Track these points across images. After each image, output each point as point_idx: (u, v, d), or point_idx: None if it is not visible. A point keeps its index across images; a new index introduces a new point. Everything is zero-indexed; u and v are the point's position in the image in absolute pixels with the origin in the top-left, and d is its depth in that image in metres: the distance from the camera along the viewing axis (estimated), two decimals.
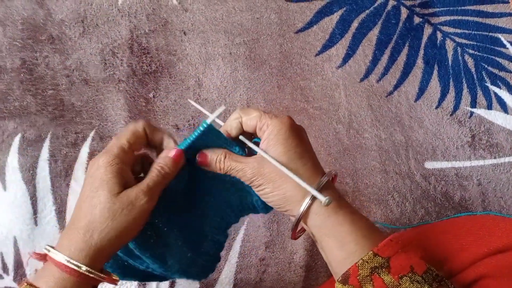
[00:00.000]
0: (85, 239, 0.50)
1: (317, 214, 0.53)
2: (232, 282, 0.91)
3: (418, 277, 0.50)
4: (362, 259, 0.50)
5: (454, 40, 1.09)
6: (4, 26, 0.96)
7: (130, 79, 0.98)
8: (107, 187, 0.51)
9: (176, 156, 0.55)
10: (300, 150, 0.55)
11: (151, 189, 0.53)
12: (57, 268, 0.50)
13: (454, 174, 1.01)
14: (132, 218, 0.51)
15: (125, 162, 0.53)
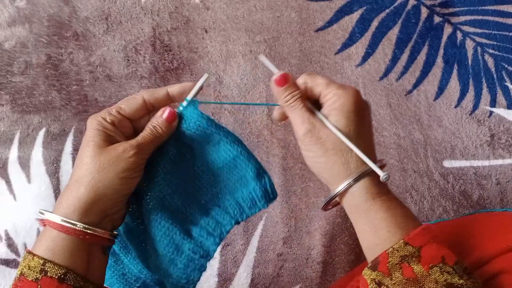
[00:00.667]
0: (73, 194, 0.51)
1: (355, 196, 0.53)
2: (250, 276, 0.92)
3: (449, 268, 0.49)
4: (392, 247, 0.50)
5: (474, 40, 1.09)
6: (30, 23, 0.99)
7: (152, 75, 0.99)
8: (93, 143, 0.51)
9: (169, 116, 0.54)
10: (360, 129, 0.54)
11: (140, 144, 0.53)
12: (54, 229, 0.50)
13: (473, 173, 1.01)
14: (119, 169, 0.51)
15: (114, 124, 0.53)
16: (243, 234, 0.94)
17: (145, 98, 0.55)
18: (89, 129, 0.53)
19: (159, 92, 0.56)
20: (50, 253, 0.49)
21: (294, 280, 0.93)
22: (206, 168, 0.59)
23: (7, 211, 0.92)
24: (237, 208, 0.59)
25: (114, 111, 0.54)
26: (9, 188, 0.92)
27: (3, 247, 0.90)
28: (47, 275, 0.48)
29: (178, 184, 0.58)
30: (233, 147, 0.57)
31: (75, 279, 0.49)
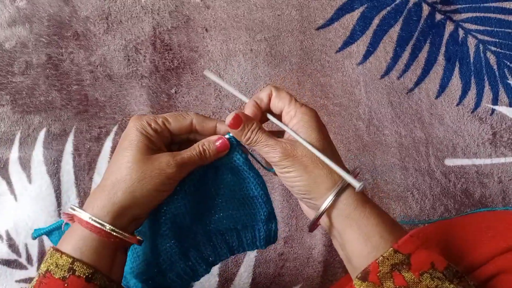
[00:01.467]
0: (109, 197, 0.52)
1: (345, 205, 0.52)
2: (251, 276, 0.92)
3: (439, 273, 0.49)
4: (382, 255, 0.49)
5: (476, 37, 1.08)
6: (30, 23, 0.99)
7: (152, 75, 0.99)
8: (136, 148, 0.53)
9: (222, 146, 0.56)
10: (329, 141, 0.55)
11: (185, 162, 0.54)
12: (82, 227, 0.51)
13: (475, 172, 1.01)
14: (159, 182, 0.52)
15: (157, 132, 0.55)
16: None
17: (194, 122, 0.57)
18: (132, 130, 0.54)
19: (209, 123, 0.57)
20: (79, 252, 0.50)
21: (295, 280, 0.93)
22: (223, 193, 0.60)
23: (8, 211, 0.92)
24: (237, 241, 0.61)
25: (160, 121, 0.55)
26: (10, 188, 0.92)
27: (4, 247, 0.90)
28: (75, 274, 0.49)
29: (193, 205, 0.59)
30: (257, 189, 0.59)
31: (101, 279, 0.50)
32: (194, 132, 0.58)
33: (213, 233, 0.61)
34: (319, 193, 0.53)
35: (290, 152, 0.53)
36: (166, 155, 0.53)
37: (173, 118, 0.56)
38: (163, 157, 0.53)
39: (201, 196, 0.60)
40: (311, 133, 0.54)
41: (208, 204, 0.61)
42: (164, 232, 0.58)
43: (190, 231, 0.60)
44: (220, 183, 0.60)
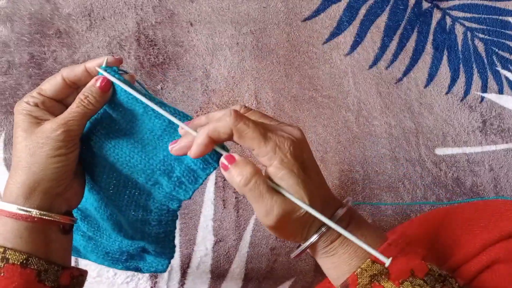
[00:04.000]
0: (13, 181, 0.52)
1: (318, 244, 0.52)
2: (243, 272, 0.92)
3: (420, 280, 0.48)
4: (360, 267, 0.49)
5: (463, 25, 1.07)
6: (11, 22, 0.97)
7: (137, 71, 0.98)
8: (20, 128, 0.52)
9: (103, 85, 0.54)
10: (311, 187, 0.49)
11: (68, 120, 0.52)
12: (4, 217, 0.51)
13: (465, 160, 1.01)
14: (49, 149, 0.51)
15: (37, 105, 0.53)
16: (235, 230, 0.93)
17: (64, 76, 0.55)
18: (15, 116, 0.53)
19: (77, 69, 0.55)
20: (8, 240, 0.50)
21: (288, 274, 0.93)
22: (141, 138, 0.57)
23: None
24: (191, 174, 0.56)
25: (35, 93, 0.54)
26: None
27: None
28: (9, 262, 0.49)
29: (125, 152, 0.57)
30: (160, 118, 0.54)
31: (38, 262, 0.50)
32: (73, 87, 0.56)
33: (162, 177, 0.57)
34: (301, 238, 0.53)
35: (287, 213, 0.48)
36: (49, 122, 0.52)
37: (45, 84, 0.55)
38: (46, 124, 0.52)
39: (129, 143, 0.57)
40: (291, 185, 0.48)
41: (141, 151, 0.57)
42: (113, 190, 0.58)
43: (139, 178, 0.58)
44: (126, 127, 0.57)
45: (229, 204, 0.94)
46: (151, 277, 0.89)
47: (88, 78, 0.55)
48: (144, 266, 0.66)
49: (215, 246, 0.92)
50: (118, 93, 0.54)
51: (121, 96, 0.54)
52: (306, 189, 0.48)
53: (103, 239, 0.62)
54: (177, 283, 0.90)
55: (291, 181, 0.47)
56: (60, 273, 0.53)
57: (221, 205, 0.94)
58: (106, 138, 0.56)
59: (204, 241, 0.92)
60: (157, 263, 0.64)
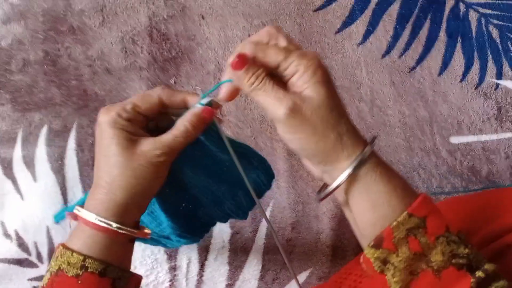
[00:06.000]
0: (109, 198, 0.51)
1: (357, 177, 0.48)
2: (260, 263, 0.93)
3: (454, 237, 0.47)
4: (397, 220, 0.47)
5: (477, 11, 1.06)
6: (25, 19, 0.97)
7: (151, 66, 0.98)
8: (118, 145, 0.50)
9: (207, 114, 0.52)
10: (339, 98, 0.49)
11: (172, 147, 0.51)
12: (88, 227, 0.51)
13: (481, 148, 1.00)
14: (152, 172, 0.51)
15: (130, 120, 0.52)
16: (251, 222, 0.94)
17: (163, 99, 0.53)
18: (105, 127, 0.51)
19: (177, 97, 0.54)
20: (88, 249, 0.51)
21: (305, 265, 0.93)
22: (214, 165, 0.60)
23: (15, 210, 0.92)
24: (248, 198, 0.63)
25: (129, 108, 0.52)
26: (16, 187, 0.92)
27: (14, 246, 0.91)
28: (87, 270, 0.50)
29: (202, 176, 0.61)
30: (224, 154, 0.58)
31: (114, 271, 0.51)
32: (164, 106, 0.55)
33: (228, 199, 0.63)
34: (329, 159, 0.49)
35: (299, 109, 0.47)
36: (149, 143, 0.51)
37: (141, 100, 0.53)
38: (149, 147, 0.51)
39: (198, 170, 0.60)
40: (320, 90, 0.47)
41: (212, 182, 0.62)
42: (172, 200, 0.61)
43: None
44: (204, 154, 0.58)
45: None
46: (170, 270, 0.91)
47: (182, 106, 0.54)
48: (167, 244, 0.69)
49: (232, 238, 0.93)
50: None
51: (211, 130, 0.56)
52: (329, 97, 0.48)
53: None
54: (196, 275, 0.91)
55: (317, 87, 0.48)
56: (130, 280, 0.54)
57: None
58: (189, 160, 0.58)
59: (221, 234, 0.93)
60: (182, 242, 0.67)
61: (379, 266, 0.48)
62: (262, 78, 0.48)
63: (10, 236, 0.91)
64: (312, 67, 0.47)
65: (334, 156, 0.48)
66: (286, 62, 0.48)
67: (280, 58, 0.48)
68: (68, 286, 0.50)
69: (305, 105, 0.47)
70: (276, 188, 0.95)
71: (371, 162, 0.48)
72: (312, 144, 0.48)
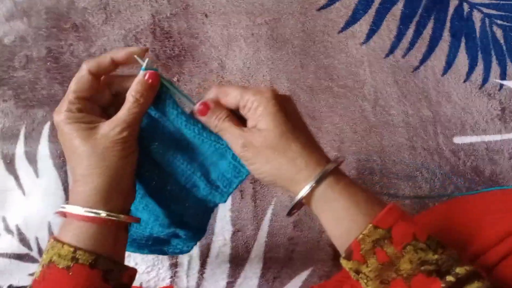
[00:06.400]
0: (88, 188, 0.52)
1: (316, 194, 0.52)
2: (262, 261, 0.92)
3: (422, 244, 0.48)
4: (362, 233, 0.48)
5: (481, 11, 1.06)
6: (29, 16, 0.98)
7: (153, 64, 0.98)
8: (77, 136, 0.52)
9: (151, 78, 0.55)
10: (292, 124, 0.53)
11: (127, 121, 0.53)
12: (78, 220, 0.52)
13: (484, 148, 1.00)
14: (118, 151, 0.52)
15: (81, 110, 0.53)
16: (252, 220, 0.93)
17: (91, 70, 0.54)
18: (62, 126, 0.52)
19: (103, 61, 0.54)
20: (78, 240, 0.51)
21: (306, 264, 0.93)
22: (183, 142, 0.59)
23: (17, 206, 0.92)
24: (225, 180, 0.60)
25: (72, 98, 0.53)
26: (18, 183, 0.93)
27: (15, 241, 0.91)
28: (78, 262, 0.50)
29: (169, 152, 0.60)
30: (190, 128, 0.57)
31: (105, 263, 0.52)
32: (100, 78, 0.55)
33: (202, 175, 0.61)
34: (285, 183, 0.53)
35: (249, 143, 0.52)
36: (108, 125, 0.52)
37: (75, 86, 0.53)
38: (107, 128, 0.52)
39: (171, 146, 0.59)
40: (268, 121, 0.52)
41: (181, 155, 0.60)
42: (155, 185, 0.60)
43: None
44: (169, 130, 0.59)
45: (247, 194, 0.94)
46: (171, 267, 0.90)
47: (115, 68, 0.56)
48: (169, 249, 0.67)
49: (234, 236, 0.93)
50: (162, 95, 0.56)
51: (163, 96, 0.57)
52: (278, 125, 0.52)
53: (132, 227, 0.63)
54: (197, 273, 0.91)
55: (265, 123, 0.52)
56: (122, 272, 0.54)
57: (238, 196, 0.94)
58: (153, 137, 0.58)
59: (223, 231, 0.93)
60: (183, 245, 0.66)
61: (354, 275, 0.50)
62: (222, 120, 0.54)
63: (11, 231, 0.91)
64: (264, 101, 0.52)
65: (290, 179, 0.52)
66: (243, 100, 0.53)
67: (238, 97, 0.54)
68: (59, 278, 0.50)
69: (255, 139, 0.52)
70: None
71: (329, 181, 0.51)
72: (267, 171, 0.53)
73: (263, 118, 0.52)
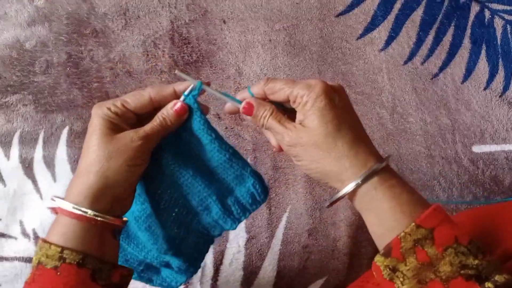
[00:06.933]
0: (83, 181, 0.52)
1: (360, 192, 0.52)
2: (275, 269, 0.92)
3: (463, 248, 0.48)
4: (404, 231, 0.49)
5: (503, 18, 1.04)
6: (50, 22, 0.99)
7: (171, 70, 0.99)
8: (100, 131, 0.53)
9: (180, 109, 0.56)
10: (338, 121, 0.52)
11: (148, 134, 0.55)
12: (66, 216, 0.52)
13: (504, 158, 0.98)
14: (127, 157, 0.53)
15: (118, 114, 0.55)
16: (267, 227, 0.93)
17: (152, 95, 0.57)
18: (94, 118, 0.55)
19: (166, 91, 0.57)
20: (65, 239, 0.51)
21: (321, 272, 0.92)
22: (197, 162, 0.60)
23: (34, 210, 0.93)
24: (238, 206, 0.61)
25: (119, 103, 0.55)
26: (36, 187, 0.94)
27: (32, 246, 0.92)
28: (65, 261, 0.50)
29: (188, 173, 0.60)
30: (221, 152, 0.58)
31: (93, 262, 0.52)
32: (156, 105, 0.58)
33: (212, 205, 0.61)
34: (331, 180, 0.54)
35: (296, 141, 0.53)
36: (129, 132, 0.54)
37: (131, 97, 0.56)
38: (127, 134, 0.54)
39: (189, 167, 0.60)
40: (314, 118, 0.52)
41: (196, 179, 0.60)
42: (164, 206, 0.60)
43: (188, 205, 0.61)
44: (193, 152, 0.60)
45: None
46: None
47: (172, 99, 0.58)
48: (157, 280, 0.66)
49: (248, 243, 0.93)
50: (193, 119, 0.58)
51: (194, 122, 0.58)
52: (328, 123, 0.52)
53: (129, 247, 0.63)
54: (210, 280, 0.91)
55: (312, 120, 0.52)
56: (112, 272, 0.54)
57: None
58: (174, 156, 0.59)
59: (237, 238, 0.93)
60: (172, 279, 0.64)
61: (388, 274, 0.50)
62: (267, 119, 0.55)
63: (28, 235, 0.92)
64: (313, 96, 0.52)
65: (335, 177, 0.53)
66: (292, 95, 0.54)
67: (287, 92, 0.54)
68: (48, 279, 0.51)
69: (301, 136, 0.53)
70: (294, 194, 0.94)
71: (374, 181, 0.51)
72: (313, 169, 0.54)
73: (310, 115, 0.52)
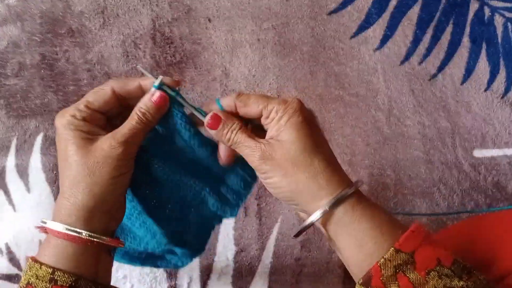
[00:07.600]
0: (71, 202, 0.49)
1: (334, 213, 0.49)
2: (266, 283, 0.89)
3: (447, 270, 0.46)
4: (383, 257, 0.46)
5: (503, 16, 1.01)
6: (22, 21, 0.93)
7: (153, 71, 0.94)
8: (73, 145, 0.49)
9: (160, 100, 0.52)
10: (316, 138, 0.51)
11: (128, 137, 0.50)
12: (57, 237, 0.49)
13: (507, 163, 0.96)
14: (110, 169, 0.49)
15: (86, 119, 0.51)
16: (257, 239, 0.90)
17: (115, 89, 0.52)
18: (61, 130, 0.51)
19: (130, 84, 0.53)
20: (57, 261, 0.49)
21: (315, 286, 0.89)
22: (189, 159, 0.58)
23: (7, 223, 0.88)
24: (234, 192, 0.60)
25: (82, 106, 0.51)
26: (8, 198, 0.89)
27: (5, 261, 0.87)
28: (57, 284, 0.48)
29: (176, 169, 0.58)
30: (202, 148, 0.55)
31: (86, 285, 0.49)
32: (122, 101, 0.53)
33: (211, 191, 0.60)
34: (303, 200, 0.50)
35: (268, 155, 0.50)
36: (106, 139, 0.50)
37: (92, 96, 0.52)
38: (104, 141, 0.50)
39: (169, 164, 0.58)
40: (292, 132, 0.50)
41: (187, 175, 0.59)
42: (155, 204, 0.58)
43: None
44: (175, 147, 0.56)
45: (251, 211, 0.90)
46: None
47: (141, 95, 0.53)
48: (162, 263, 0.66)
49: (237, 256, 0.89)
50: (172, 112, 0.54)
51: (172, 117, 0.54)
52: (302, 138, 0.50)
53: (126, 241, 0.62)
54: None
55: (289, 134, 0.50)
56: None
57: (242, 213, 0.90)
58: (156, 155, 0.56)
59: (225, 251, 0.89)
60: (177, 260, 0.64)
61: None
62: (236, 132, 0.52)
63: (0, 250, 0.87)
64: (290, 111, 0.50)
65: (309, 196, 0.49)
66: (266, 110, 0.51)
67: (261, 106, 0.51)
68: None
69: (274, 150, 0.50)
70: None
71: (350, 202, 0.49)
72: (284, 186, 0.50)
73: (287, 129, 0.50)
